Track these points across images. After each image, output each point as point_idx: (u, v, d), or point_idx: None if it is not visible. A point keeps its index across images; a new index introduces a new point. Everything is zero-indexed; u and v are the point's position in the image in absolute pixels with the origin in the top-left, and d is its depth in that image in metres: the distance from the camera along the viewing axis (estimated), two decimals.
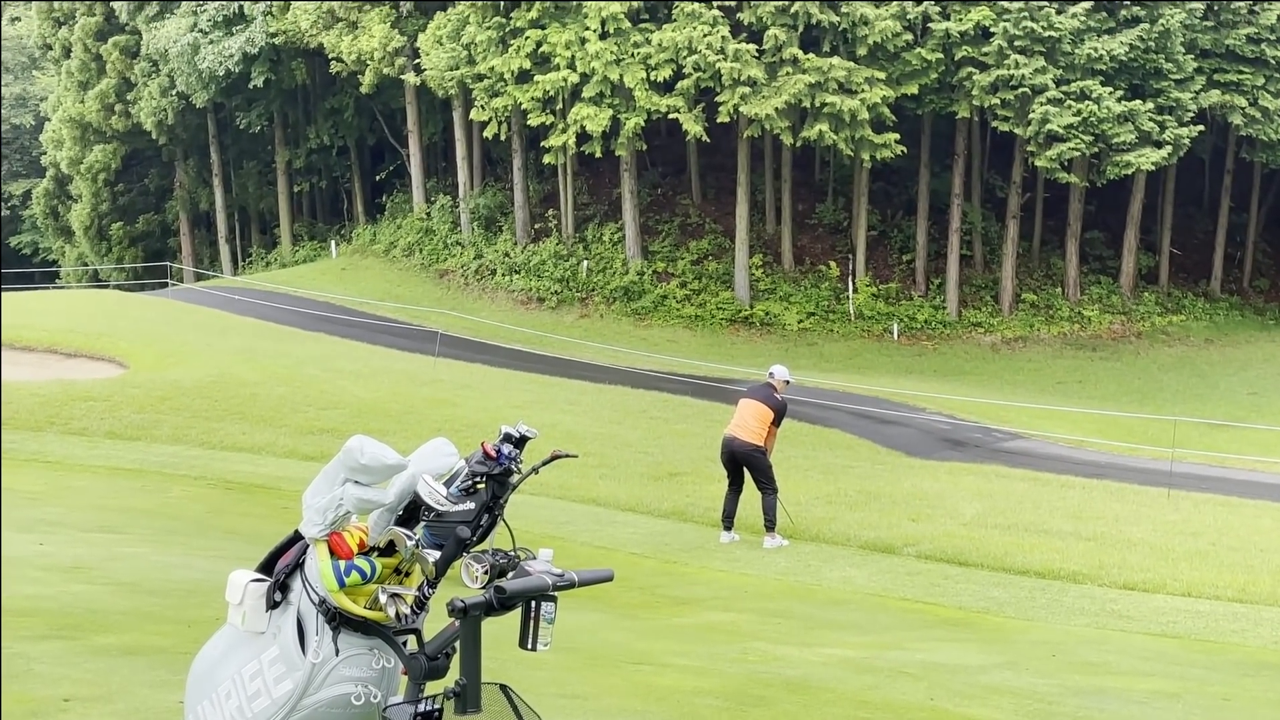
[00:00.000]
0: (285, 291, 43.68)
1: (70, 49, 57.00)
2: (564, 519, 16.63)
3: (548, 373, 32.24)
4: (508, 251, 44.58)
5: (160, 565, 11.18)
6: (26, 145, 71.52)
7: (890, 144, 36.87)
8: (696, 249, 43.11)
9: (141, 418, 21.51)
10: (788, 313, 40.18)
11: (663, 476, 20.22)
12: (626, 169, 41.81)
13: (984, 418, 29.36)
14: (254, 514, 15.72)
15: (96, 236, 60.21)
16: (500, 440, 11.78)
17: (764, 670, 9.14)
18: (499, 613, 3.70)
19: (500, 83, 39.97)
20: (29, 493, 15.55)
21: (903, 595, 13.20)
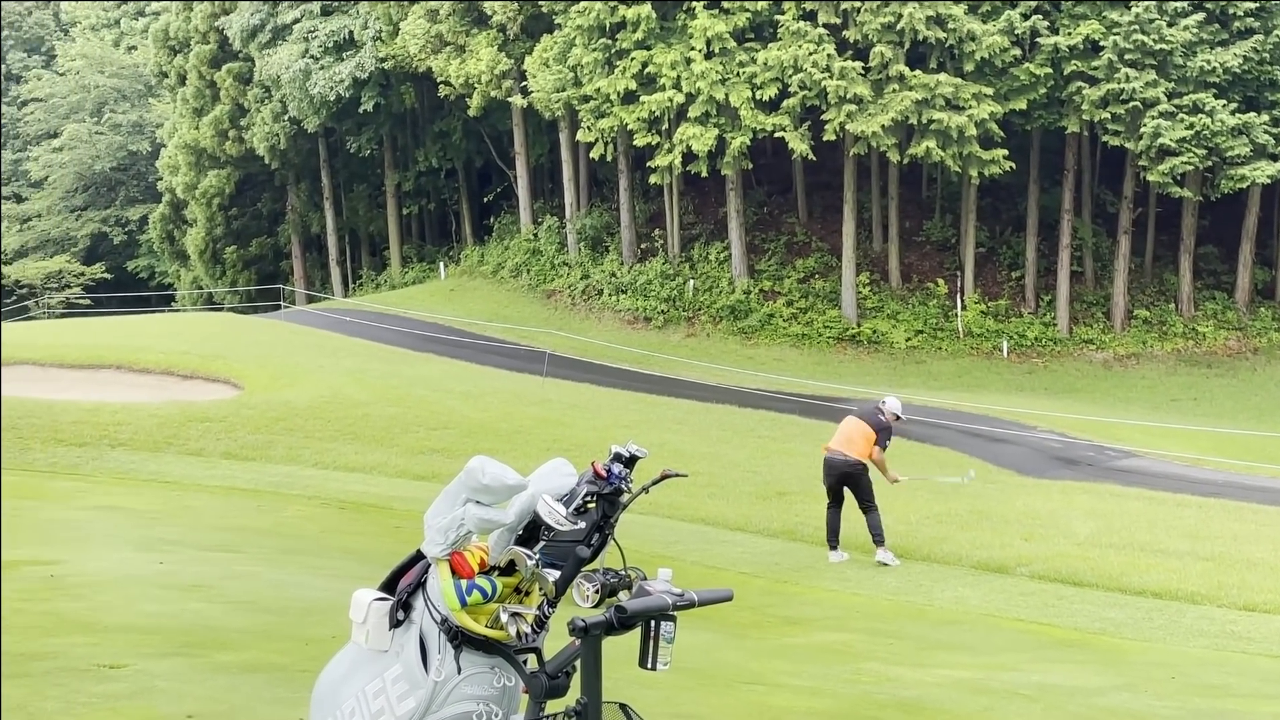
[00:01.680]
0: (395, 313, 44.23)
1: (185, 76, 58.36)
2: (672, 538, 16.61)
3: (655, 392, 32.24)
4: (614, 271, 44.73)
5: (277, 584, 11.32)
6: (143, 171, 73.23)
7: (999, 160, 36.44)
8: (803, 267, 42.94)
9: (256, 438, 21.82)
10: (895, 331, 39.85)
11: (771, 496, 20.11)
12: (732, 188, 41.78)
13: (1097, 436, 28.84)
14: (367, 533, 15.88)
15: (211, 260, 61.44)
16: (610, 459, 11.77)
17: (878, 691, 9.03)
18: (619, 632, 3.70)
19: (606, 104, 40.20)
20: (149, 512, 15.85)
21: (1016, 615, 12.99)
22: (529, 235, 48.86)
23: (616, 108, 39.90)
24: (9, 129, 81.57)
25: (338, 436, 22.47)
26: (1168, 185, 36.36)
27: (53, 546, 12.28)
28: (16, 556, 11.32)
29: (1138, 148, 36.00)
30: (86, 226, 72.60)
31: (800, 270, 42.82)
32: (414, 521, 16.96)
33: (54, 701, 6.43)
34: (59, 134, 73.50)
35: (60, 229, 72.66)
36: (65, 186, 73.61)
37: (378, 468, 20.61)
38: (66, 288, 66.79)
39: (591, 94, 40.55)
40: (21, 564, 10.97)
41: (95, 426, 21.57)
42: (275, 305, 52.39)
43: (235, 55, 55.94)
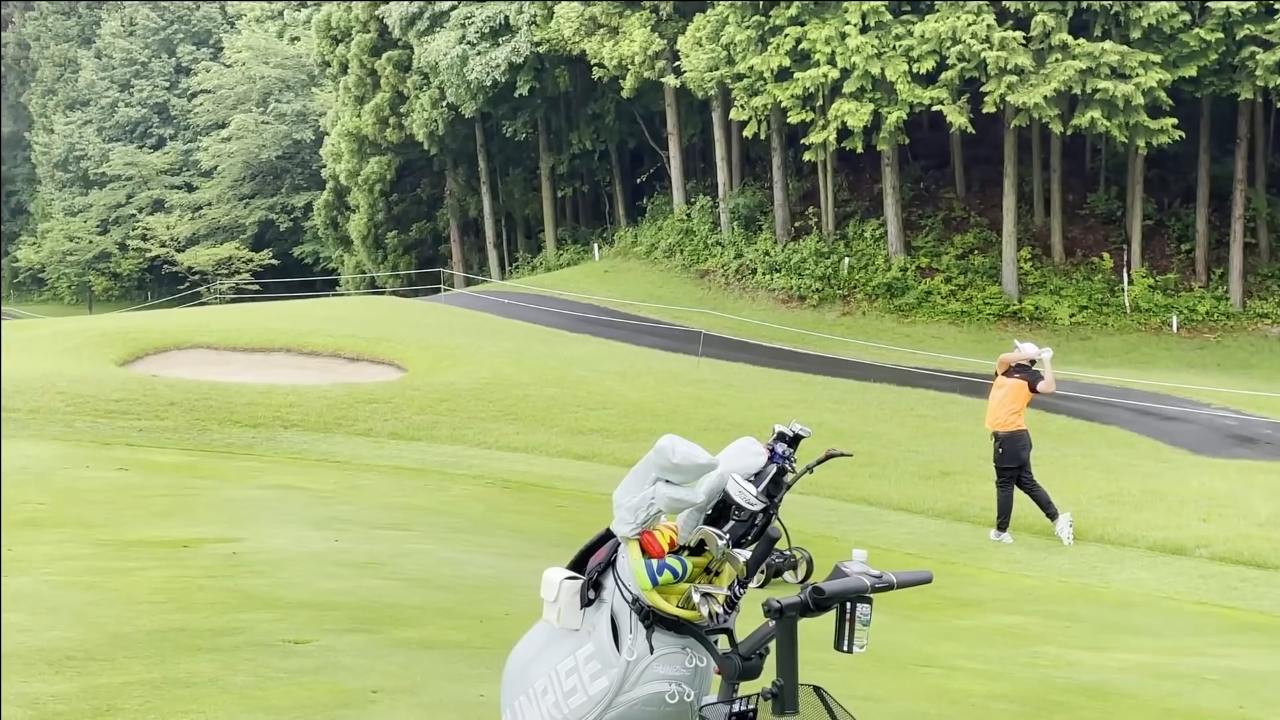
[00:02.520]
0: (551, 294, 44.59)
1: (347, 65, 59.53)
2: (834, 518, 16.48)
3: (810, 371, 32.01)
4: (768, 250, 44.49)
5: (448, 561, 11.48)
6: (307, 159, 74.86)
7: (1167, 129, 35.29)
8: (961, 243, 42.20)
9: (421, 419, 22.19)
10: (1059, 306, 38.93)
11: (934, 475, 19.83)
12: (888, 163, 41.23)
13: (1275, 413, 27.82)
14: (532, 512, 16.02)
15: (373, 245, 62.63)
16: (774, 439, 11.70)
17: (1058, 675, 8.83)
18: (814, 613, 3.64)
19: (760, 81, 39.94)
20: (321, 491, 16.20)
21: (1197, 598, 12.61)
22: (682, 215, 48.83)
23: (770, 85, 39.62)
24: (180, 120, 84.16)
25: (499, 417, 22.74)
26: None
27: (234, 525, 12.58)
28: (200, 534, 11.66)
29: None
30: (254, 214, 74.51)
31: (958, 246, 42.09)
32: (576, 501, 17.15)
33: (244, 675, 6.59)
34: (227, 124, 75.45)
35: (229, 217, 74.67)
36: (233, 175, 75.60)
37: (539, 447, 20.81)
38: (236, 274, 68.69)
39: (744, 72, 40.31)
40: (205, 542, 11.28)
41: (268, 408, 22.12)
42: (435, 288, 53.14)
43: (394, 43, 56.86)
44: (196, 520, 12.76)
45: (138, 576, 9.34)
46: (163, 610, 8.17)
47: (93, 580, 9.11)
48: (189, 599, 8.59)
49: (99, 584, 8.99)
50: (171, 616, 8.02)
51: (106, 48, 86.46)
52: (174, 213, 75.22)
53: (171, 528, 12.03)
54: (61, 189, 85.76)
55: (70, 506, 13.11)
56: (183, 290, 69.94)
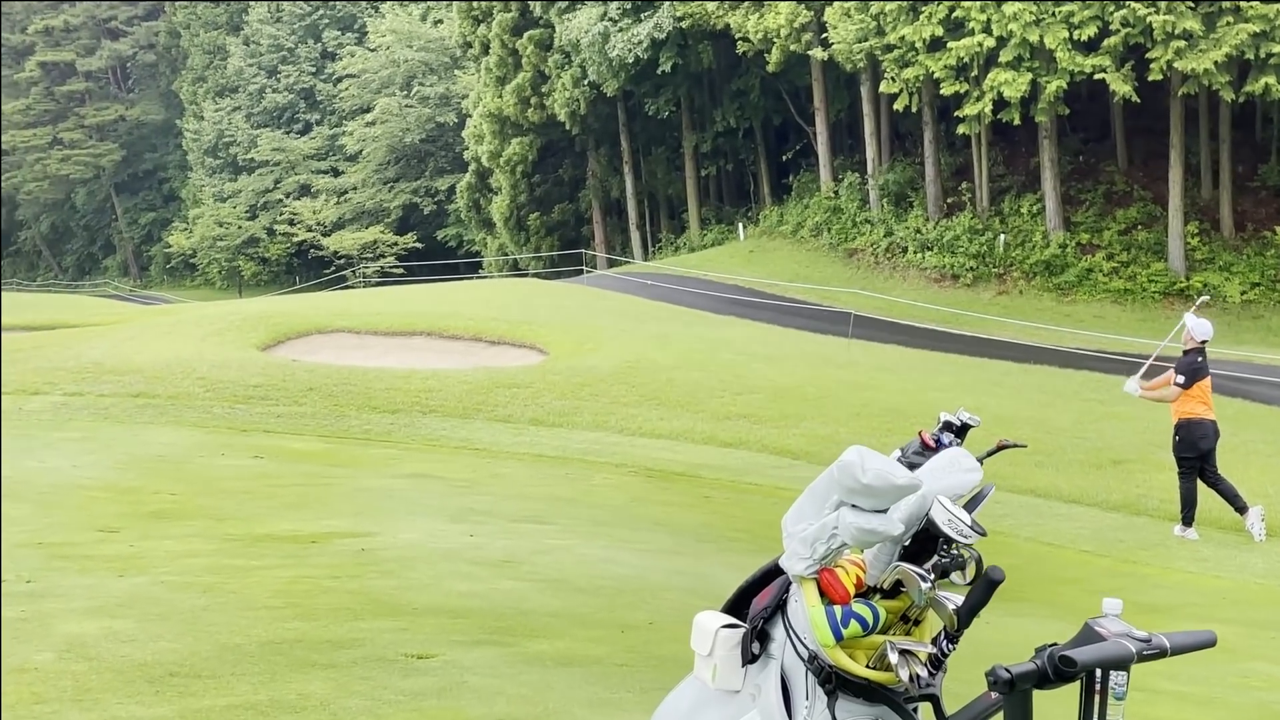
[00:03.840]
0: (695, 275, 43.84)
1: (488, 45, 59.35)
2: (1001, 511, 15.39)
3: (966, 353, 30.78)
4: (919, 228, 43.10)
5: (587, 559, 10.78)
6: (450, 142, 75.16)
7: None
8: (1124, 218, 40.31)
9: (562, 404, 21.63)
10: (1229, 284, 36.92)
11: (1105, 464, 18.58)
12: (1046, 136, 39.52)
13: None
14: (676, 503, 15.29)
15: (515, 227, 62.51)
16: (939, 428, 10.65)
17: (1276, 701, 7.76)
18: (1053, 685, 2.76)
19: (911, 52, 38.54)
20: (459, 480, 15.70)
21: None
22: (829, 193, 47.65)
23: (922, 56, 38.20)
24: (325, 105, 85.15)
25: (642, 402, 22.05)
26: None
27: (367, 517, 12.11)
28: (330, 528, 11.16)
29: None
30: (398, 198, 75.08)
31: (1121, 221, 40.21)
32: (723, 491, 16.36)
33: (359, 699, 5.92)
34: (371, 109, 76.08)
35: (374, 201, 75.34)
36: (378, 159, 76.25)
37: (683, 434, 20.07)
38: (381, 257, 69.24)
39: (895, 42, 38.94)
40: (335, 536, 10.76)
41: (407, 394, 21.77)
42: (577, 270, 52.90)
43: (536, 22, 56.50)
44: (328, 512, 12.29)
45: (260, 576, 8.84)
46: (280, 617, 7.58)
47: (212, 581, 8.59)
48: (310, 604, 8.00)
49: (217, 585, 8.47)
50: (289, 625, 7.42)
51: (254, 34, 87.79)
52: (320, 197, 76.12)
53: (302, 520, 11.58)
54: (211, 175, 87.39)
55: (202, 497, 12.74)
56: (329, 274, 70.69)
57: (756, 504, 15.58)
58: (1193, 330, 13.85)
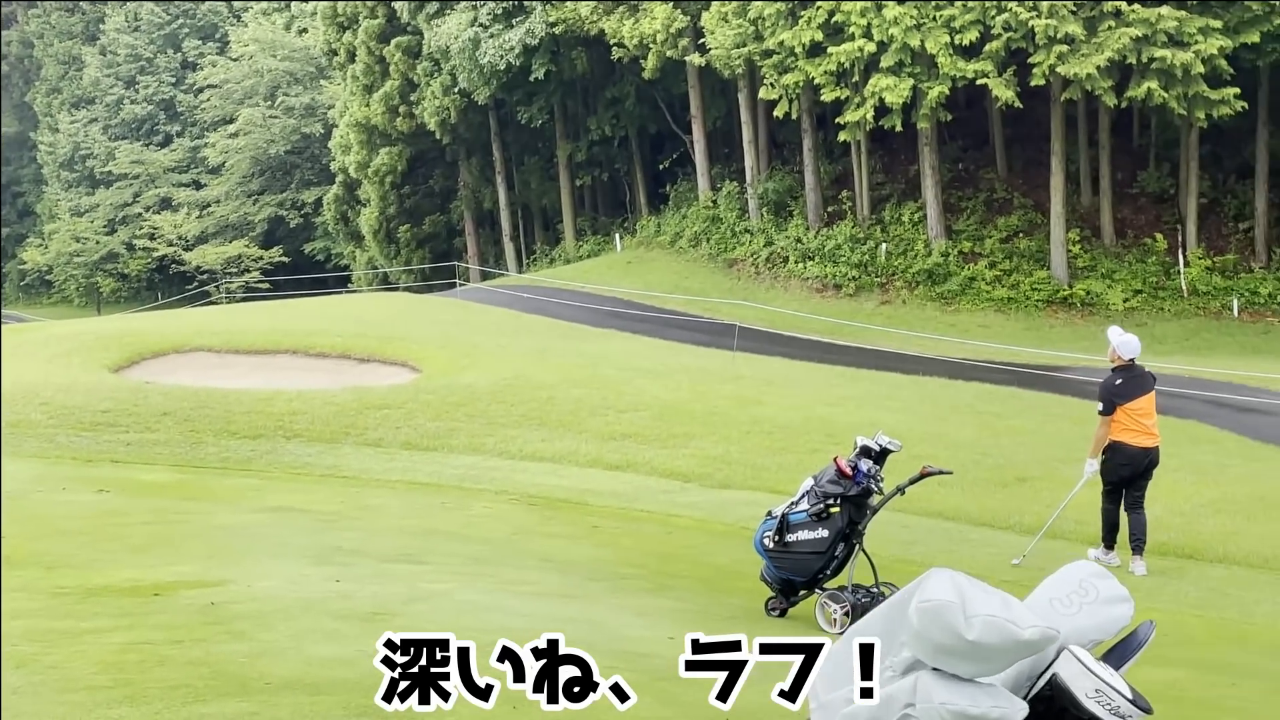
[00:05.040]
0: (572, 288, 42.71)
1: (355, 53, 57.63)
2: (908, 537, 14.41)
3: (853, 364, 30.06)
4: (799, 237, 42.43)
5: (470, 609, 9.55)
6: (316, 153, 73.36)
7: (1229, 100, 33.04)
8: (1005, 226, 40.02)
9: (437, 425, 20.39)
10: (1111, 291, 36.74)
11: (1010, 482, 17.77)
12: (926, 143, 39.07)
13: None
14: (563, 535, 14.14)
15: (385, 239, 60.88)
16: (857, 454, 9.48)
17: None
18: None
19: (790, 57, 37.80)
20: (326, 513, 14.45)
21: None
22: (707, 202, 46.84)
23: (801, 61, 37.47)
24: (186, 116, 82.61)
25: (522, 422, 20.86)
26: None
27: (220, 561, 10.84)
28: (177, 576, 9.85)
29: None
30: (263, 210, 73.17)
31: (1002, 229, 39.92)
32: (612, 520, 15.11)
33: None
34: (234, 119, 74.07)
35: (238, 214, 73.40)
36: (242, 171, 74.30)
37: (567, 456, 18.93)
38: (245, 272, 67.24)
39: (774, 48, 38.17)
40: (181, 587, 9.43)
41: (270, 416, 20.38)
42: (450, 283, 51.69)
43: (404, 28, 54.92)
44: (177, 555, 10.97)
45: (87, 644, 7.55)
46: (104, 701, 6.30)
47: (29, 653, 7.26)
48: (142, 680, 6.71)
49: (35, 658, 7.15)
50: (111, 713, 6.10)
51: (111, 44, 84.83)
52: (181, 211, 73.75)
53: (146, 566, 10.32)
54: (68, 189, 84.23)
55: (35, 540, 11.36)
56: (191, 290, 68.30)
57: (649, 534, 14.48)
58: (1118, 347, 12.90)
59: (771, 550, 10.20)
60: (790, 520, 10.13)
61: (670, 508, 15.99)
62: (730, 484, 17.34)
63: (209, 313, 41.70)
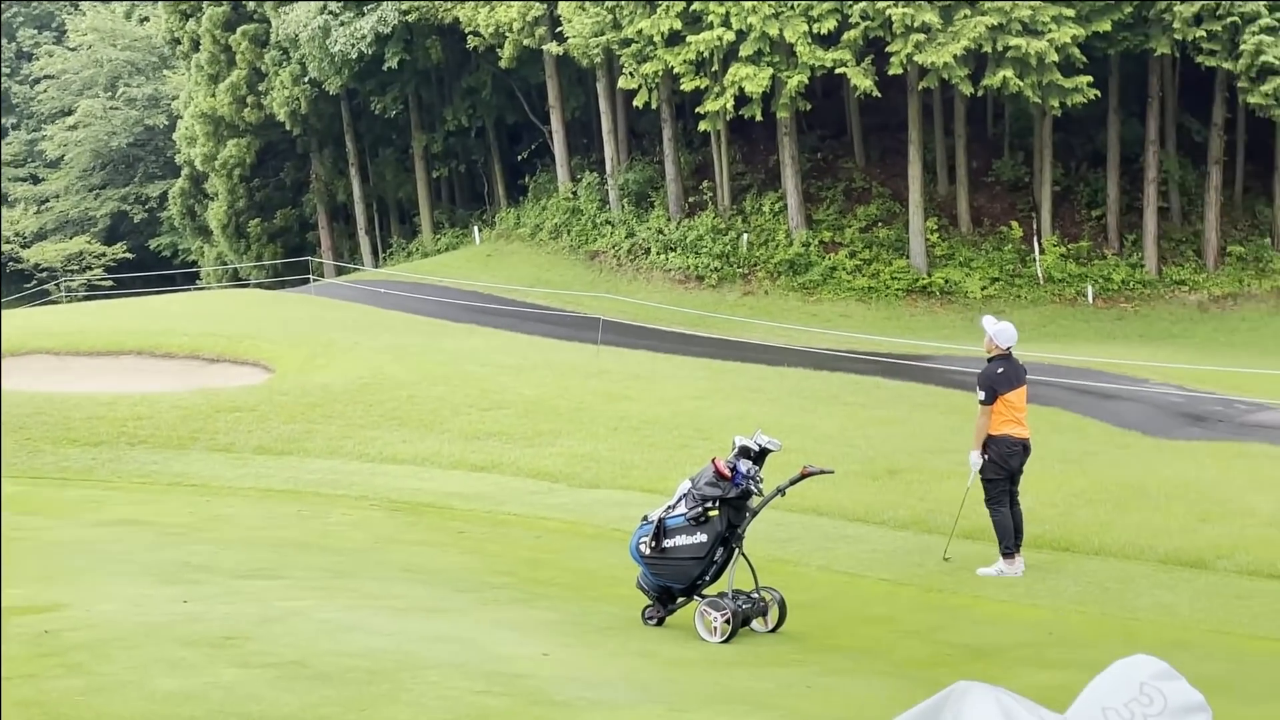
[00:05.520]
0: (430, 282, 41.85)
1: (199, 41, 55.81)
2: (784, 535, 14.02)
3: (717, 356, 29.81)
4: (661, 228, 42.11)
5: (328, 628, 8.95)
6: (161, 146, 71.22)
7: (1082, 88, 33.49)
8: (865, 215, 40.16)
9: (292, 428, 19.55)
10: (969, 279, 37.07)
11: (880, 475, 17.52)
12: (785, 133, 38.99)
13: (1216, 387, 26.10)
14: (427, 542, 13.54)
15: (234, 234, 59.18)
16: (735, 455, 8.99)
17: None
18: None
19: (649, 46, 37.38)
20: (174, 526, 13.68)
21: (1253, 631, 10.38)
22: (567, 194, 46.28)
23: (660, 50, 37.08)
24: (23, 108, 79.61)
25: (382, 423, 20.14)
26: (1270, 108, 33.31)
27: (57, 583, 10.11)
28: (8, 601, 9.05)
29: (1236, 68, 32.95)
30: (106, 205, 70.88)
31: (862, 219, 40.05)
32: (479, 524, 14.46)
33: None
34: (73, 111, 71.63)
35: (79, 209, 71.00)
36: (82, 165, 71.88)
37: (430, 458, 18.25)
38: (88, 270, 65.09)
39: (633, 36, 37.70)
40: (13, 613, 8.74)
41: (113, 422, 19.37)
42: (304, 279, 50.46)
43: (250, 16, 53.31)
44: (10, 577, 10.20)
45: None
46: None
47: None
48: None
49: None
50: None
51: None
52: (18, 206, 71.13)
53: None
54: None
55: None
56: (29, 289, 65.73)
57: (517, 539, 13.93)
58: (994, 336, 12.55)
59: (648, 557, 9.80)
60: (667, 525, 9.77)
61: (539, 510, 15.45)
62: (599, 483, 16.84)
63: (48, 313, 40.13)
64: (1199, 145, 39.17)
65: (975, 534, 13.57)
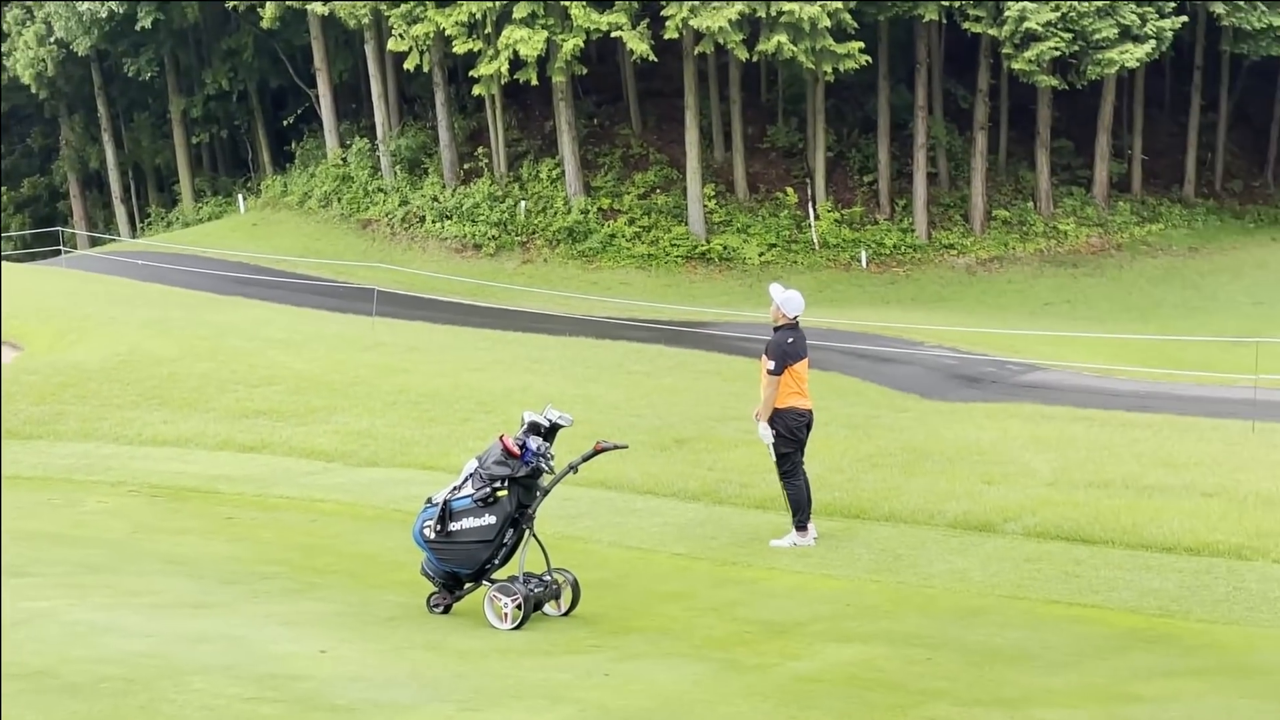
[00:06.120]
0: (192, 252, 40.11)
1: None
2: (574, 511, 13.51)
3: (498, 326, 29.28)
4: (436, 196, 41.19)
5: (80, 630, 8.22)
6: None
7: (854, 54, 33.83)
8: (642, 182, 39.97)
9: (42, 410, 18.28)
10: (747, 245, 37.22)
11: (669, 445, 17.15)
12: (561, 98, 38.46)
13: (988, 349, 26.68)
14: (192, 530, 12.67)
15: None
16: (524, 432, 8.41)
17: None
18: None
19: (420, 7, 36.36)
20: None
21: (1046, 596, 10.31)
22: (337, 161, 44.95)
23: (431, 11, 36.12)
24: None
25: (141, 402, 18.97)
26: (1033, 74, 34.20)
27: None
28: None
29: (1001, 34, 33.70)
30: None
31: (640, 185, 39.85)
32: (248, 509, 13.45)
33: None
34: None
35: None
36: None
37: (194, 439, 17.19)
38: None
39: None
40: None
41: None
42: (55, 250, 48.20)
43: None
44: None
45: None
46: None
47: None
48: None
49: None
50: None
51: None
52: None
53: None
54: None
55: None
56: None
57: (291, 524, 13.12)
58: (781, 305, 12.15)
59: (433, 541, 9.32)
60: (453, 507, 9.32)
61: (313, 491, 14.63)
62: (377, 461, 16.10)
63: None
64: (965, 112, 40.13)
65: (765, 504, 13.35)
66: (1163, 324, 30.24)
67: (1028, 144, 40.38)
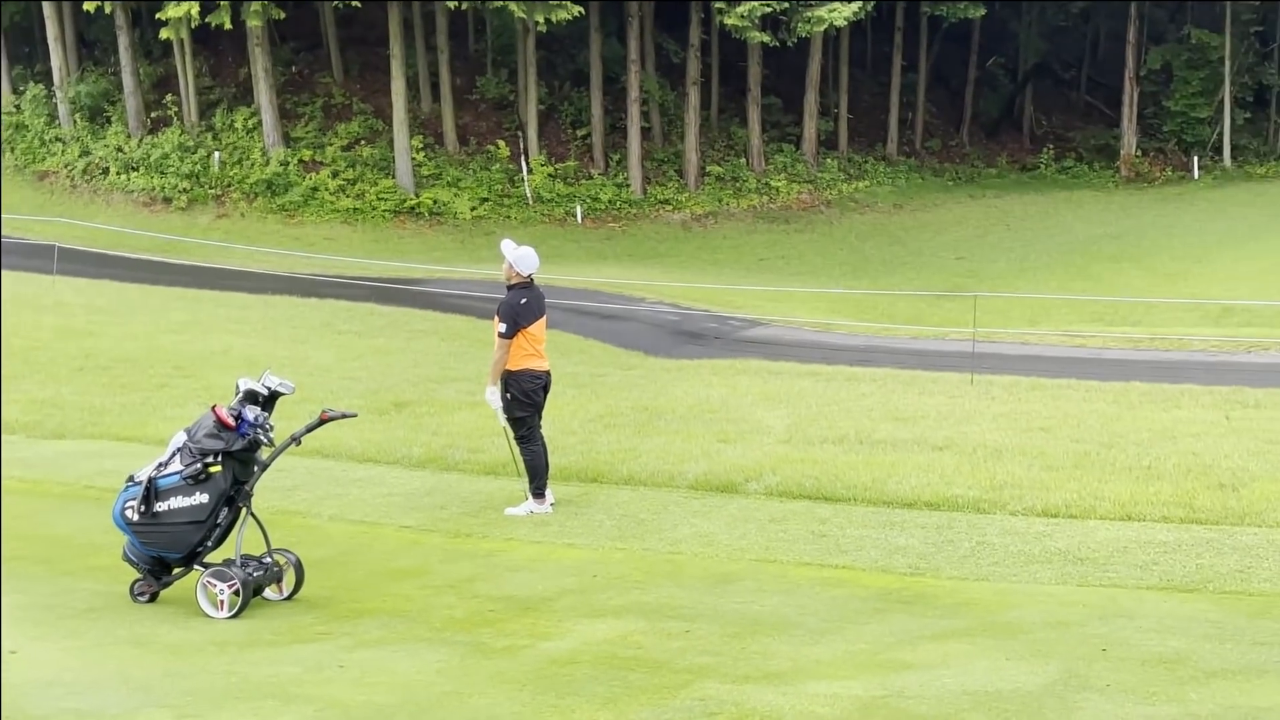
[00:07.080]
0: None
1: None
2: (289, 483, 12.44)
3: (193, 285, 27.62)
4: (120, 146, 38.57)
5: None
6: None
7: (566, 4, 33.14)
8: (346, 133, 38.35)
9: None
10: (458, 200, 36.15)
11: (387, 409, 16.20)
12: (258, 44, 36.47)
13: (709, 304, 26.55)
14: None
15: None
16: (240, 401, 7.66)
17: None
18: None
19: None
20: None
21: (796, 558, 9.93)
22: (10, 108, 41.65)
23: None
24: None
25: None
26: (745, 30, 34.22)
27: None
28: None
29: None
30: None
31: (344, 136, 38.22)
32: None
33: None
34: None
35: None
36: None
37: None
38: None
39: None
40: None
41: None
42: None
43: None
44: None
45: None
46: None
47: None
48: None
49: None
50: None
51: None
52: None
53: None
54: None
55: None
56: None
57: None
58: (515, 263, 11.44)
59: (136, 524, 8.45)
60: (159, 486, 8.46)
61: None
62: (65, 433, 14.65)
63: None
64: (678, 66, 40.00)
65: (496, 469, 12.64)
66: (873, 278, 30.81)
67: (739, 100, 40.59)
